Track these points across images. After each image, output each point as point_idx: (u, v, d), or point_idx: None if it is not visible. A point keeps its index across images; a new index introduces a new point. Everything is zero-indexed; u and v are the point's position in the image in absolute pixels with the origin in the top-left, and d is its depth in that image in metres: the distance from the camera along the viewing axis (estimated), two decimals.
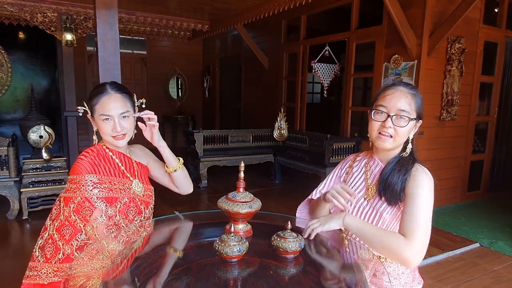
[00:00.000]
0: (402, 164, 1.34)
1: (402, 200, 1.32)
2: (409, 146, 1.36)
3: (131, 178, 1.51)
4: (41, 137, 4.16)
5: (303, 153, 5.50)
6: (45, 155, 4.12)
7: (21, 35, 7.58)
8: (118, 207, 1.42)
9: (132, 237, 1.41)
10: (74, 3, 4.98)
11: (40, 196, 4.11)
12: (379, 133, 1.34)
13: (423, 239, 1.23)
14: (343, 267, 1.35)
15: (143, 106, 1.59)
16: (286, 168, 5.82)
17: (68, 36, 4.83)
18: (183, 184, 1.64)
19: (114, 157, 1.49)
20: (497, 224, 4.07)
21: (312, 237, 1.31)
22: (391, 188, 1.32)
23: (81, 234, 1.34)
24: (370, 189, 1.41)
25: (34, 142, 4.16)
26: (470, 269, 3.09)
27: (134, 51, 8.88)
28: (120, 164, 1.50)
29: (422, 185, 1.28)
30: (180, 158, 1.62)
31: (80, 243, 1.34)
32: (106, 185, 1.42)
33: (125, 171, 1.50)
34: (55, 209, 1.43)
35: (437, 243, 3.52)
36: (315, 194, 1.59)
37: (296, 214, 1.66)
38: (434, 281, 2.85)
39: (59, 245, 1.34)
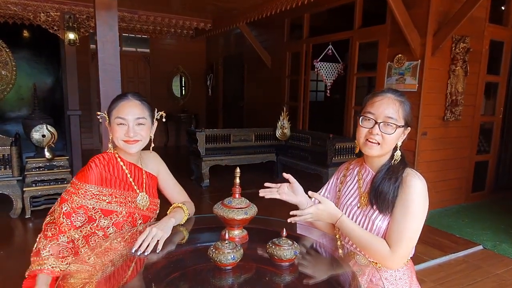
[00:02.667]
0: (393, 172, 1.33)
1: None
2: (398, 153, 1.36)
3: (138, 191, 1.51)
4: (43, 136, 4.17)
5: (305, 152, 5.48)
6: (47, 154, 4.14)
7: (25, 33, 7.59)
8: (113, 220, 1.43)
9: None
10: (77, 2, 4.98)
11: (43, 195, 4.12)
12: (367, 140, 1.34)
13: (406, 249, 1.29)
14: (338, 273, 1.34)
15: (163, 120, 1.61)
16: (289, 168, 5.79)
17: (71, 35, 4.83)
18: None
19: (124, 167, 1.49)
20: (501, 226, 4.02)
21: (294, 221, 1.36)
22: (382, 197, 1.31)
23: (63, 235, 1.36)
24: (363, 197, 1.41)
25: (37, 141, 4.17)
26: (472, 272, 3.06)
27: (138, 49, 8.89)
28: (129, 176, 1.50)
29: (414, 192, 1.28)
30: (183, 208, 1.56)
31: (60, 244, 1.36)
32: (105, 198, 1.42)
33: (133, 183, 1.51)
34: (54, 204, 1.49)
35: (439, 245, 3.49)
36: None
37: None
38: (436, 284, 2.82)
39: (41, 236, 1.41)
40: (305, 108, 6.13)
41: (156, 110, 1.56)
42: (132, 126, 1.42)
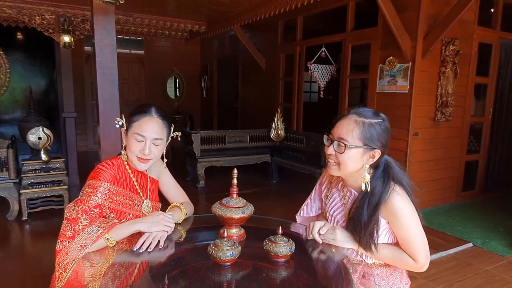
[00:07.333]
0: (369, 204, 1.34)
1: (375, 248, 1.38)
2: (366, 176, 1.33)
3: (143, 198, 1.57)
4: (39, 138, 4.19)
5: (300, 153, 5.55)
6: (44, 156, 4.15)
7: (19, 36, 7.59)
8: (121, 222, 1.47)
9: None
10: (72, 5, 5.00)
11: (39, 197, 4.14)
12: (328, 160, 1.40)
13: (425, 253, 1.37)
14: (331, 269, 1.40)
15: (179, 139, 1.63)
16: (283, 168, 5.87)
17: (66, 38, 4.85)
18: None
19: (132, 175, 1.54)
20: (491, 224, 4.12)
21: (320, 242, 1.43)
22: (358, 237, 1.38)
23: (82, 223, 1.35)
24: (347, 215, 1.47)
25: (33, 143, 4.19)
26: (463, 268, 3.14)
27: (132, 51, 8.90)
28: (136, 183, 1.55)
29: (401, 213, 1.33)
30: (181, 207, 1.61)
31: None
32: (119, 198, 1.47)
33: (139, 190, 1.56)
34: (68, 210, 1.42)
35: (430, 243, 3.49)
36: (306, 212, 1.68)
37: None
38: (427, 281, 2.90)
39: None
40: (299, 109, 6.20)
41: (172, 128, 1.57)
42: (148, 144, 1.46)
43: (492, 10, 4.95)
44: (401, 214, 1.32)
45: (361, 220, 1.34)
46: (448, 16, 3.91)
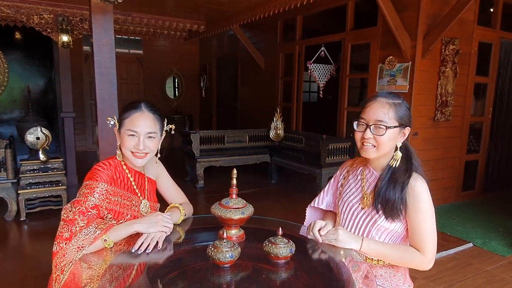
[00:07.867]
0: (397, 178, 1.38)
1: (403, 215, 1.39)
2: (398, 154, 1.40)
3: (141, 198, 1.56)
4: (38, 138, 4.17)
5: (299, 153, 5.53)
6: (42, 156, 4.14)
7: (17, 35, 7.56)
8: (120, 223, 1.45)
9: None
10: (70, 4, 4.98)
11: (37, 198, 4.12)
12: (363, 143, 1.41)
13: (434, 247, 1.37)
14: (333, 269, 1.39)
15: (172, 132, 1.61)
16: (283, 168, 5.85)
17: (64, 38, 4.83)
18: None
19: (129, 175, 1.53)
20: (491, 224, 4.11)
21: (320, 241, 1.42)
22: (390, 206, 1.37)
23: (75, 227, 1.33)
24: (366, 198, 1.47)
25: (31, 143, 4.17)
26: (463, 269, 3.13)
27: (131, 51, 8.89)
28: (133, 183, 1.54)
29: (422, 198, 1.36)
30: (180, 208, 1.59)
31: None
32: (116, 199, 1.45)
33: (136, 190, 1.55)
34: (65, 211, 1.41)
35: None
36: (317, 202, 1.69)
37: (305, 222, 1.73)
38: (427, 281, 2.89)
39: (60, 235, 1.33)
40: (299, 109, 6.19)
41: (165, 122, 1.56)
42: (142, 139, 1.44)
43: (492, 9, 4.95)
44: (422, 199, 1.35)
45: (394, 190, 1.36)
46: (447, 15, 3.90)
